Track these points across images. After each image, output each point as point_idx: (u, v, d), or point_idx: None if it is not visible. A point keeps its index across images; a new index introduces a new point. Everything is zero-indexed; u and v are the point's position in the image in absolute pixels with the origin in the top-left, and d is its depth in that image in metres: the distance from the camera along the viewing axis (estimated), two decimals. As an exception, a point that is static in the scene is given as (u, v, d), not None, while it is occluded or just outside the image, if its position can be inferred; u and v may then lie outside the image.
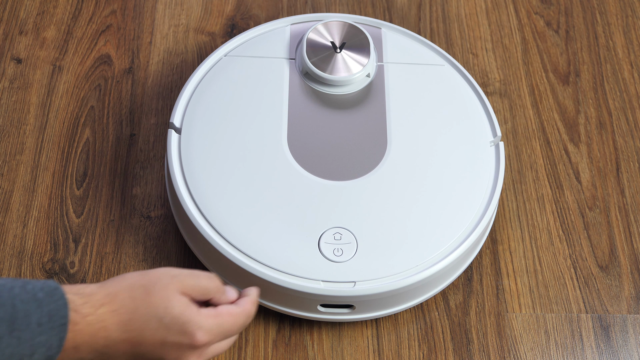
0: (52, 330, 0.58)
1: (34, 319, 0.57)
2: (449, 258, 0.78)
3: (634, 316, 0.83)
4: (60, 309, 0.58)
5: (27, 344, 0.57)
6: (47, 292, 0.59)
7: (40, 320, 0.57)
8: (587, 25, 1.06)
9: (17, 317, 0.57)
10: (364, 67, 0.86)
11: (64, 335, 0.58)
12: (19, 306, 0.57)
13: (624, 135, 0.96)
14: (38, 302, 0.58)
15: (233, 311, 0.65)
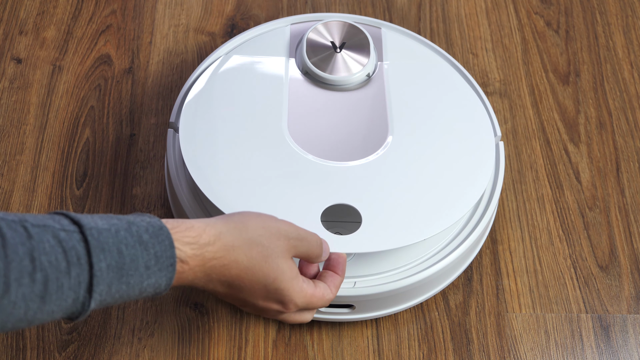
0: (160, 272, 0.58)
1: (141, 262, 0.57)
2: (449, 258, 0.78)
3: (634, 316, 0.83)
4: (166, 250, 0.58)
5: (136, 288, 0.57)
6: (153, 233, 0.58)
7: (148, 263, 0.57)
8: (587, 25, 1.06)
9: (124, 262, 0.56)
10: (363, 67, 0.86)
11: (172, 275, 0.58)
12: (125, 251, 0.56)
13: (624, 135, 0.96)
14: (144, 244, 0.57)
15: (327, 296, 0.68)
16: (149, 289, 0.58)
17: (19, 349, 0.78)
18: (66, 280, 0.54)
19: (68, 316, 0.56)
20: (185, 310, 0.82)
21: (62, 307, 0.54)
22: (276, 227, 0.66)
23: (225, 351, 0.79)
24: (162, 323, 0.81)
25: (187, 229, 0.61)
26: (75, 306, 0.55)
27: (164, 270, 0.58)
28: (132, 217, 0.59)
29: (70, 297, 0.54)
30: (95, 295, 0.55)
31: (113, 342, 0.79)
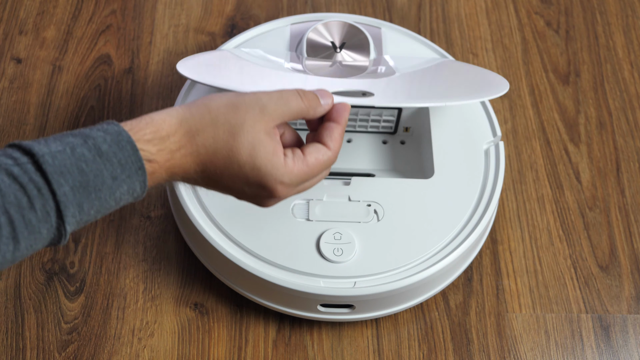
0: (130, 179, 0.55)
1: (107, 174, 0.55)
2: (449, 258, 0.78)
3: (634, 316, 0.83)
4: (130, 155, 0.55)
5: (109, 200, 0.55)
6: (111, 142, 0.55)
7: (114, 173, 0.55)
8: (587, 25, 1.06)
9: (88, 180, 0.54)
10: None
11: (144, 178, 0.56)
12: (87, 168, 0.54)
13: (624, 135, 0.96)
14: (104, 156, 0.54)
15: (323, 157, 0.62)
16: (125, 196, 0.56)
17: (19, 349, 0.78)
18: (33, 215, 0.52)
19: (50, 244, 0.54)
20: (185, 310, 0.81)
21: (38, 240, 0.53)
22: (242, 100, 0.60)
23: (225, 351, 0.79)
24: (162, 323, 0.81)
25: (146, 125, 0.57)
26: (52, 234, 0.54)
27: (133, 175, 0.56)
28: (88, 130, 0.56)
29: (44, 228, 0.53)
30: (68, 219, 0.53)
31: (113, 342, 0.79)
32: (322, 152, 0.63)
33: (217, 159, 0.59)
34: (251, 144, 0.59)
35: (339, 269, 0.76)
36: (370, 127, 0.90)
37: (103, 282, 0.83)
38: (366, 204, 0.79)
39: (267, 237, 0.77)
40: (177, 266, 0.84)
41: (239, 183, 0.60)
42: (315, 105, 0.63)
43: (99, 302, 0.81)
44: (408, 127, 0.90)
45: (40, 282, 0.82)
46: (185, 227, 0.82)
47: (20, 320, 0.80)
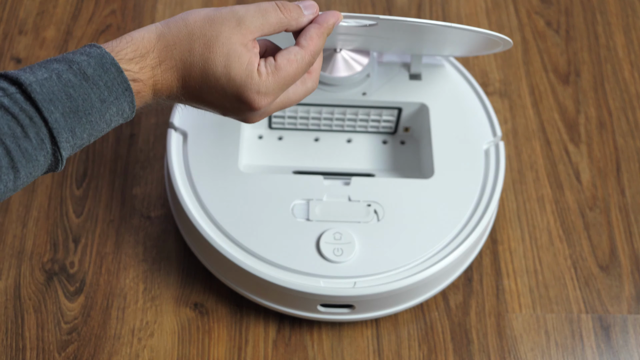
0: (118, 100, 0.56)
1: (95, 98, 0.56)
2: (449, 258, 0.78)
3: (634, 316, 0.83)
4: (115, 77, 0.56)
5: (100, 122, 0.56)
6: (95, 65, 0.56)
7: (102, 96, 0.56)
8: (587, 25, 1.06)
9: (77, 105, 0.55)
10: (364, 67, 0.86)
11: (131, 99, 0.57)
12: (74, 94, 0.55)
13: (624, 135, 0.96)
14: (91, 80, 0.55)
15: (293, 58, 0.61)
16: (116, 117, 0.57)
17: (19, 349, 0.78)
18: (28, 144, 0.53)
19: (47, 171, 0.56)
20: (185, 310, 0.81)
21: (36, 167, 0.54)
22: (219, 13, 0.60)
23: (225, 351, 0.79)
24: (162, 323, 0.81)
25: (126, 44, 0.58)
26: (49, 160, 0.55)
27: (120, 97, 0.57)
28: (71, 55, 0.57)
29: (40, 155, 0.54)
30: (63, 145, 0.55)
31: (113, 342, 0.79)
32: (294, 52, 0.62)
33: (194, 72, 0.59)
34: (226, 55, 0.59)
35: (339, 269, 0.76)
36: (370, 127, 0.90)
37: (103, 282, 0.83)
38: (366, 204, 0.79)
39: (267, 237, 0.77)
40: (177, 266, 0.84)
41: (217, 97, 0.61)
42: (297, 16, 0.62)
43: (99, 302, 0.81)
44: (408, 127, 0.90)
45: (40, 282, 0.82)
46: (185, 227, 0.82)
47: (20, 320, 0.80)
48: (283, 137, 0.89)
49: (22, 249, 0.84)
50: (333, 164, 0.88)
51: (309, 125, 0.89)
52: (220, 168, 0.81)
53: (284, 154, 0.88)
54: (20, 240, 0.85)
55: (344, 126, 0.89)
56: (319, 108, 0.87)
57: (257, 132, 0.90)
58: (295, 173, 0.86)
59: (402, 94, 0.87)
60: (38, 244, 0.85)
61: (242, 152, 0.84)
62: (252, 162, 0.87)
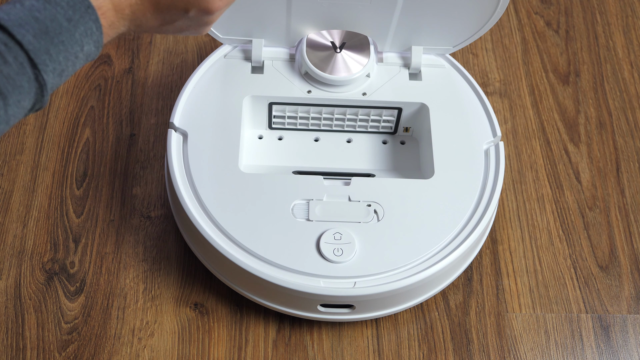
0: (83, 19, 0.58)
1: (61, 18, 0.57)
2: (449, 258, 0.78)
3: (634, 316, 0.83)
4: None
5: (73, 44, 0.58)
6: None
7: (67, 15, 0.58)
8: (587, 25, 1.06)
9: (47, 26, 0.57)
10: (363, 67, 0.86)
11: (95, 17, 0.59)
12: (40, 16, 0.57)
13: (624, 135, 0.96)
14: (53, 2, 0.58)
15: None
16: (86, 39, 0.59)
17: (19, 349, 0.78)
18: (9, 69, 0.55)
19: (35, 103, 0.57)
20: (185, 310, 0.82)
21: (23, 94, 0.55)
22: None
23: (225, 351, 0.79)
24: (162, 323, 0.81)
25: None
26: (34, 87, 0.56)
27: (85, 16, 0.59)
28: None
29: (24, 80, 0.55)
30: (42, 67, 0.56)
31: (113, 342, 0.79)
32: None
33: None
34: None
35: (339, 269, 0.76)
36: (370, 127, 0.90)
37: (103, 282, 0.83)
38: (366, 204, 0.79)
39: (267, 237, 0.77)
40: (177, 266, 0.84)
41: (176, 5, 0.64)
42: None
43: (99, 302, 0.81)
44: (408, 127, 0.90)
45: (40, 282, 0.82)
46: (185, 227, 0.82)
47: (21, 320, 0.80)
48: (283, 137, 0.90)
49: (23, 248, 0.84)
50: (333, 164, 0.88)
51: (309, 125, 0.89)
52: (220, 168, 0.81)
53: (284, 154, 0.88)
54: (21, 240, 0.85)
55: (344, 126, 0.90)
56: (319, 108, 0.87)
57: (257, 132, 0.90)
58: (295, 173, 0.86)
59: (402, 94, 0.87)
60: (38, 244, 0.85)
61: (242, 152, 0.84)
62: (252, 162, 0.87)
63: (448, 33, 0.86)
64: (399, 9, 0.82)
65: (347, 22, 0.85)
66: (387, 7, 0.82)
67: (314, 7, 0.82)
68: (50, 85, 0.57)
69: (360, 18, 0.84)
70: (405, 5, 0.81)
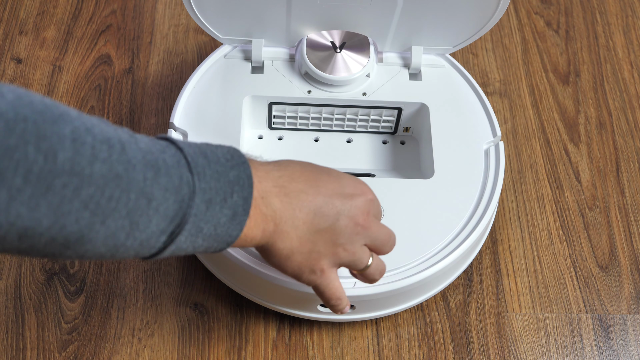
0: (238, 167, 0.59)
1: (220, 155, 0.59)
2: (448, 258, 0.78)
3: (634, 316, 0.83)
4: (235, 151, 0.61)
5: (224, 176, 0.58)
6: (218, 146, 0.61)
7: (226, 156, 0.59)
8: (587, 25, 1.06)
9: (206, 153, 0.58)
10: (364, 67, 0.86)
11: (249, 172, 0.60)
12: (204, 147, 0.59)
13: (624, 135, 0.96)
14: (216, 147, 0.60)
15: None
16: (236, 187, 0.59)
17: (19, 349, 0.78)
18: (166, 157, 0.55)
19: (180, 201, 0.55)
20: (185, 310, 0.82)
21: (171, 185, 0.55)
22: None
23: (225, 351, 0.79)
24: (162, 323, 0.81)
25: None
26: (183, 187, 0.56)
27: (240, 165, 0.60)
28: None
29: (176, 175, 0.55)
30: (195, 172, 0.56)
31: (113, 342, 0.79)
32: None
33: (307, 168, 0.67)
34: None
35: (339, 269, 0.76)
36: (370, 127, 0.90)
37: (103, 282, 0.83)
38: None
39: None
40: (177, 266, 0.84)
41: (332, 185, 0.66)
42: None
43: (99, 302, 0.81)
44: (408, 127, 0.90)
45: (40, 282, 0.82)
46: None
47: (20, 320, 0.80)
48: (283, 137, 0.90)
49: (23, 249, 0.84)
50: (333, 164, 0.87)
51: (309, 125, 0.89)
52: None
53: (284, 154, 0.88)
54: (21, 240, 0.85)
55: (344, 126, 0.90)
56: (319, 108, 0.87)
57: (257, 132, 0.90)
58: (295, 173, 0.86)
59: (402, 94, 0.87)
60: (38, 244, 0.85)
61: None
62: (252, 162, 0.87)
63: (448, 33, 0.86)
64: (399, 10, 0.82)
65: (347, 23, 0.85)
66: (387, 8, 0.82)
67: (314, 8, 0.82)
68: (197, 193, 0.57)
69: (360, 18, 0.84)
70: (406, 5, 0.81)
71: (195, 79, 0.87)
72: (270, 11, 0.82)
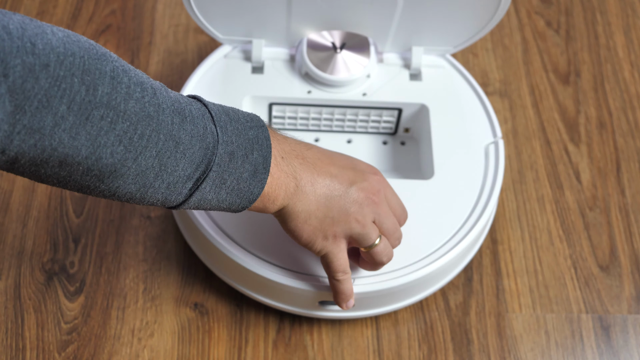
0: (257, 129, 0.63)
1: (240, 116, 0.64)
2: (447, 256, 0.78)
3: (634, 316, 0.83)
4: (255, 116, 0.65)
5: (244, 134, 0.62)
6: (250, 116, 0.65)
7: (246, 118, 0.64)
8: (587, 25, 1.06)
9: (227, 111, 0.63)
10: (364, 67, 0.86)
11: (267, 135, 0.64)
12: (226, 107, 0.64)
13: (624, 135, 0.96)
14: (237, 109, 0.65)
15: None
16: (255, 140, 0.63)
17: (19, 349, 0.78)
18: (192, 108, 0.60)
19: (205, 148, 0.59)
20: (185, 310, 0.81)
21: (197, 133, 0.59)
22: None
23: (225, 351, 0.79)
24: (162, 323, 0.81)
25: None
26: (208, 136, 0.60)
27: (259, 128, 0.64)
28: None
29: (201, 125, 0.59)
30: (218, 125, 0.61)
31: (113, 342, 0.79)
32: None
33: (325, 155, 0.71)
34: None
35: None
36: (370, 127, 0.90)
37: (103, 282, 0.83)
38: None
39: (268, 237, 0.77)
40: (177, 266, 0.84)
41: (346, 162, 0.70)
42: None
43: (99, 302, 0.81)
44: (408, 127, 0.90)
45: (40, 282, 0.82)
46: (186, 226, 0.82)
47: (20, 321, 0.80)
48: (283, 137, 0.89)
49: (22, 248, 0.84)
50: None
51: (309, 125, 0.89)
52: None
53: (284, 154, 0.88)
54: (20, 240, 0.85)
55: (344, 127, 0.90)
56: (319, 109, 0.87)
57: (257, 132, 0.90)
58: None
59: (402, 95, 0.87)
60: (38, 244, 0.85)
61: (242, 152, 0.84)
62: (252, 162, 0.87)
63: (449, 34, 0.86)
64: (399, 10, 0.82)
65: (347, 23, 0.85)
66: (388, 8, 0.82)
67: (314, 8, 0.82)
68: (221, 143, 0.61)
69: (361, 18, 0.84)
70: (406, 6, 0.81)
71: (195, 79, 0.87)
72: (270, 11, 0.82)
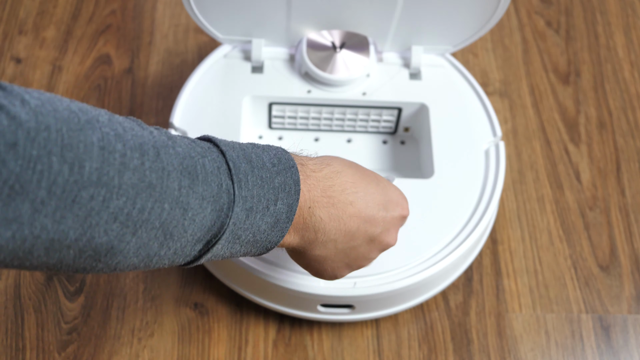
0: (285, 172, 0.57)
1: (266, 159, 0.57)
2: (448, 258, 0.78)
3: (634, 316, 0.83)
4: (284, 154, 0.58)
5: (269, 183, 0.56)
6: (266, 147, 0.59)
7: (272, 161, 0.57)
8: (587, 25, 1.06)
9: (251, 158, 0.56)
10: (363, 66, 0.86)
11: (297, 178, 0.57)
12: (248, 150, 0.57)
13: (624, 135, 0.96)
14: (262, 148, 0.58)
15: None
16: (281, 193, 0.57)
17: (19, 349, 0.78)
18: (206, 162, 0.53)
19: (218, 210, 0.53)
20: (185, 310, 0.81)
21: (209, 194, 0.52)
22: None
23: (225, 351, 0.79)
24: (162, 323, 0.81)
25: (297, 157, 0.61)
26: (223, 195, 0.53)
27: (288, 170, 0.57)
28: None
29: (215, 182, 0.52)
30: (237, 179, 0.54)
31: (113, 342, 0.79)
32: None
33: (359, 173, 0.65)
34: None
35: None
36: (370, 127, 0.90)
37: (103, 282, 0.83)
38: None
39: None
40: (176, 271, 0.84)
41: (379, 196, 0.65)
42: None
43: (99, 302, 0.81)
44: (408, 127, 0.90)
45: (40, 282, 0.82)
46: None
47: (20, 321, 0.80)
48: (283, 137, 0.89)
49: (22, 249, 0.84)
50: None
51: (309, 125, 0.89)
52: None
53: (284, 154, 0.88)
54: (20, 240, 0.85)
55: (344, 126, 0.89)
56: (318, 108, 0.87)
57: (257, 132, 0.90)
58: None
59: (402, 94, 0.87)
60: (38, 244, 0.85)
61: (242, 152, 0.84)
62: (252, 162, 0.87)
63: (448, 33, 0.86)
64: (399, 9, 0.82)
65: (347, 22, 0.84)
66: (387, 7, 0.81)
67: (314, 7, 0.82)
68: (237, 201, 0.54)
69: (360, 18, 0.84)
70: (406, 5, 0.81)
71: (195, 79, 0.87)
72: (270, 11, 0.82)
